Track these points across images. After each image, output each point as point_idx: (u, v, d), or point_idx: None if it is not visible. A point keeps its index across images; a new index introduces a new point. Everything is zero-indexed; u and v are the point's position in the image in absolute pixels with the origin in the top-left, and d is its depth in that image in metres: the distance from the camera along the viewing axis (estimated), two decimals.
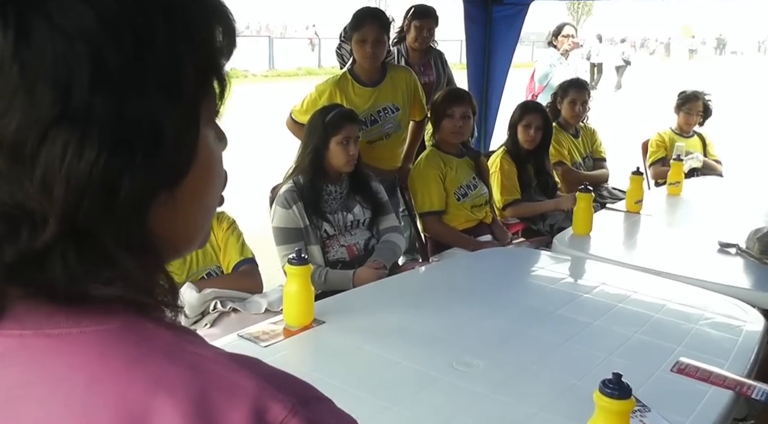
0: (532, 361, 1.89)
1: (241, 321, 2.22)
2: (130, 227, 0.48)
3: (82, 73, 0.45)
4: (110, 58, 0.45)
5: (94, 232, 0.47)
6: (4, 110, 0.44)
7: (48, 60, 0.44)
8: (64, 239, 0.46)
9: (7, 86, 0.44)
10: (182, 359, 0.50)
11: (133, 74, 0.47)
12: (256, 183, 3.32)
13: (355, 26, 3.45)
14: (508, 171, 3.78)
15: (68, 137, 0.45)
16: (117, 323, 0.50)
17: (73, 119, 0.45)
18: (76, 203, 0.46)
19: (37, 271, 0.47)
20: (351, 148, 2.83)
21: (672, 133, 4.90)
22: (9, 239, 0.46)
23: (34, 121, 0.44)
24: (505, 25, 5.20)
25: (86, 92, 0.45)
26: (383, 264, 2.79)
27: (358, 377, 1.80)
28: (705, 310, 2.27)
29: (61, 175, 0.45)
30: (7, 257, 0.46)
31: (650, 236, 3.39)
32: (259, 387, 0.49)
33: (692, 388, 1.73)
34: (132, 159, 0.47)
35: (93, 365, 0.48)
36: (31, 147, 0.44)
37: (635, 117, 10.80)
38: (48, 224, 0.46)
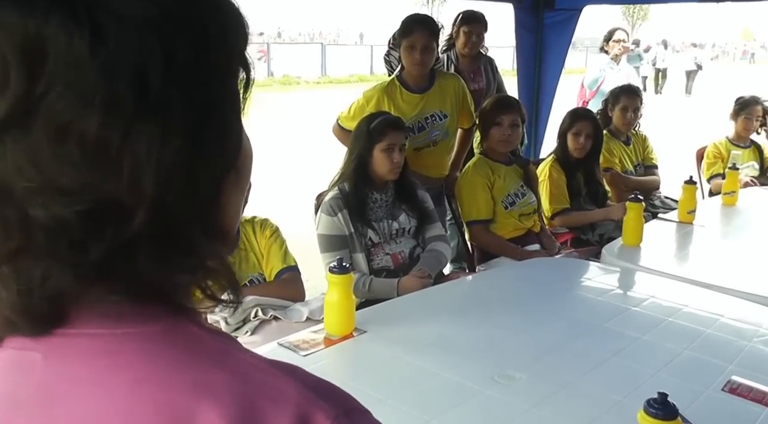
0: (576, 376, 1.84)
1: (281, 329, 2.22)
2: (209, 213, 0.51)
3: (157, 65, 0.46)
4: (178, 49, 0.48)
5: (177, 221, 0.49)
6: (85, 109, 0.45)
7: (124, 56, 0.45)
8: (149, 231, 0.48)
9: (87, 86, 0.45)
10: (227, 365, 0.51)
11: (199, 65, 0.49)
12: (303, 190, 3.34)
13: (404, 33, 3.43)
14: (557, 179, 3.72)
15: (152, 129, 0.46)
16: (161, 325, 0.51)
17: (153, 111, 0.46)
18: (164, 192, 0.47)
19: (126, 265, 0.48)
20: (395, 156, 2.81)
21: (728, 142, 4.76)
22: (94, 236, 0.47)
23: (117, 118, 0.45)
24: (556, 31, 5.13)
25: (162, 84, 0.46)
26: (428, 273, 2.77)
27: (398, 389, 1.78)
28: (760, 326, 2.19)
29: (149, 166, 0.46)
30: (93, 255, 0.47)
31: (703, 247, 3.30)
32: (303, 395, 0.50)
33: (744, 409, 1.67)
34: (209, 143, 0.50)
35: (138, 366, 0.49)
36: (118, 142, 0.46)
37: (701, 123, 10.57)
38: (136, 215, 0.47)
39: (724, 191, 3.99)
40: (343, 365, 2.02)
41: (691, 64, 22.56)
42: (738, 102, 4.74)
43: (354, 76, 23.89)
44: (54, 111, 0.45)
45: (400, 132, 2.87)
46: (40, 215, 0.46)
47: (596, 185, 3.85)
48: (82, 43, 0.45)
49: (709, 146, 4.82)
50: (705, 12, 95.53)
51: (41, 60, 0.45)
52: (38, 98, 0.45)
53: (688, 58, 23.05)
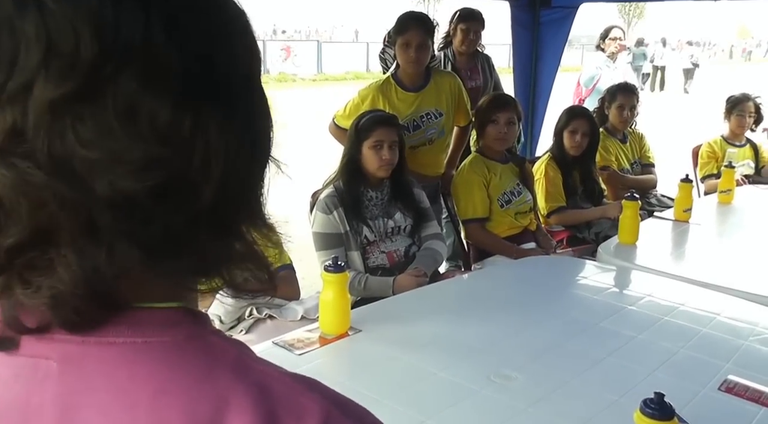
0: (573, 375, 1.83)
1: (276, 328, 2.21)
2: (258, 197, 0.54)
3: (223, 51, 0.49)
4: (234, 37, 0.52)
5: (234, 202, 0.51)
6: (158, 91, 0.46)
7: (195, 41, 0.48)
8: (213, 210, 0.49)
9: (160, 69, 0.46)
10: (250, 377, 0.50)
11: (249, 49, 0.53)
12: (298, 188, 3.32)
13: (399, 30, 3.42)
14: (553, 178, 3.72)
15: (221, 112, 0.49)
16: (181, 335, 0.51)
17: (222, 95, 0.49)
18: (229, 173, 0.49)
19: (189, 241, 0.49)
20: (384, 153, 2.79)
21: (723, 141, 4.75)
22: (162, 213, 0.47)
23: (189, 100, 0.47)
24: (552, 29, 5.13)
25: (227, 69, 0.50)
26: (424, 271, 2.76)
27: (394, 388, 1.78)
28: (756, 325, 2.18)
29: (219, 148, 0.48)
30: (157, 231, 0.47)
31: (699, 246, 3.30)
32: (326, 411, 0.49)
33: (741, 408, 1.66)
34: (261, 132, 0.54)
35: (159, 376, 0.48)
36: (190, 124, 0.47)
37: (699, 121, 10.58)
38: (203, 193, 0.48)
39: (720, 190, 3.98)
40: (339, 364, 2.01)
41: (688, 62, 22.87)
42: (729, 100, 4.74)
43: (350, 73, 23.87)
44: (126, 91, 0.45)
45: (388, 129, 2.85)
46: (106, 190, 0.45)
47: (592, 183, 3.84)
48: (158, 24, 0.46)
49: (704, 146, 4.81)
50: (701, 10, 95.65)
51: (114, 38, 0.44)
52: (109, 76, 0.44)
53: (685, 56, 23.37)
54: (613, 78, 5.20)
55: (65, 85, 0.44)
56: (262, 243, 0.54)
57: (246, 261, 0.53)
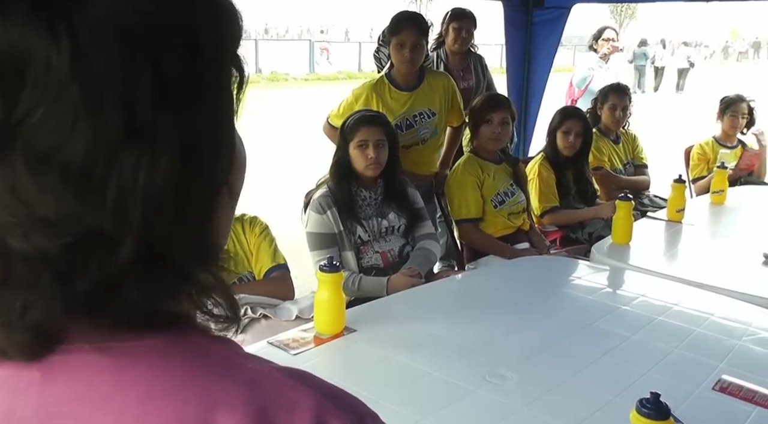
0: (568, 375, 1.84)
1: (271, 328, 2.20)
2: (202, 234, 0.48)
3: (144, 84, 0.43)
4: (168, 66, 0.44)
5: (168, 248, 0.46)
6: (67, 136, 0.41)
7: (108, 75, 0.42)
8: (138, 260, 0.45)
9: (67, 109, 0.41)
10: (239, 375, 0.49)
11: (189, 80, 0.46)
12: (291, 188, 3.32)
13: (394, 30, 3.42)
14: (547, 178, 3.72)
15: (139, 154, 0.43)
16: (167, 337, 0.49)
17: (141, 134, 0.43)
18: (152, 219, 0.44)
19: (112, 296, 0.45)
20: (369, 152, 2.79)
21: (715, 143, 4.77)
22: (80, 268, 0.44)
23: (102, 143, 0.42)
24: (545, 29, 5.14)
25: (150, 104, 0.43)
26: (418, 271, 2.76)
27: (389, 388, 1.77)
28: (749, 325, 2.19)
29: (135, 194, 0.43)
30: (79, 289, 0.44)
31: (692, 246, 3.31)
32: (318, 403, 0.49)
33: (735, 408, 1.67)
34: (200, 165, 0.46)
35: (146, 381, 0.47)
36: (101, 171, 0.42)
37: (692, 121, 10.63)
38: (123, 245, 0.44)
39: (713, 190, 4.00)
40: (334, 364, 2.01)
41: (683, 62, 23.19)
42: (723, 101, 4.75)
43: (342, 72, 23.86)
44: (33, 138, 0.41)
45: (373, 128, 2.84)
46: (18, 245, 0.43)
47: (585, 184, 3.85)
48: (62, 61, 0.41)
49: (695, 147, 4.82)
50: (693, 11, 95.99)
51: (18, 81, 0.41)
52: (16, 124, 0.41)
53: (680, 56, 23.76)
54: (605, 79, 5.21)
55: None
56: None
57: (200, 296, 0.49)
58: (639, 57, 21.96)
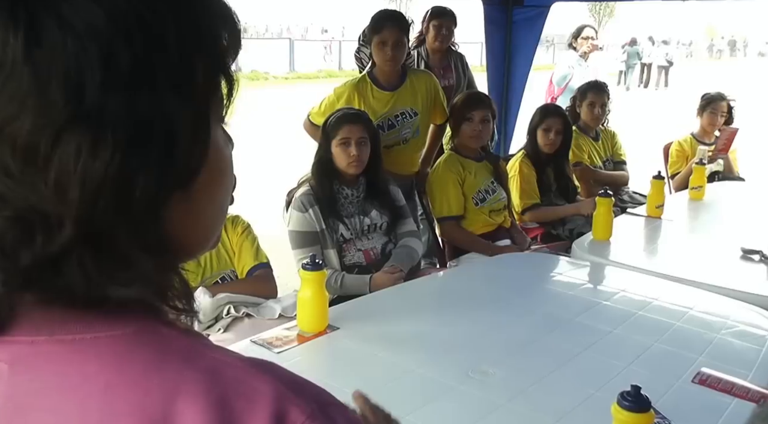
0: (550, 370, 1.85)
1: (254, 326, 2.20)
2: (146, 228, 0.48)
3: (94, 72, 0.44)
4: (121, 56, 0.45)
5: (110, 233, 0.47)
6: (15, 113, 0.43)
7: (60, 60, 0.43)
8: (81, 241, 0.46)
9: (18, 88, 0.43)
10: (200, 364, 0.50)
11: (144, 73, 0.46)
12: (273, 186, 3.31)
13: (375, 29, 3.42)
14: (528, 175, 3.74)
15: (82, 138, 0.44)
16: (131, 327, 0.50)
17: (86, 119, 0.44)
18: (91, 204, 0.45)
19: (54, 275, 0.46)
20: (351, 150, 2.79)
21: (693, 139, 4.82)
22: (24, 243, 0.45)
23: (47, 123, 0.43)
24: (525, 28, 5.16)
25: (99, 91, 0.44)
26: (400, 269, 2.77)
27: (372, 385, 1.76)
28: (728, 318, 2.22)
29: (75, 176, 0.44)
30: (22, 262, 0.45)
31: (671, 241, 3.34)
32: (278, 392, 0.49)
33: (714, 400, 1.69)
34: (146, 158, 0.46)
35: (109, 371, 0.48)
36: (45, 149, 0.44)
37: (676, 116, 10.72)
38: (64, 226, 0.45)
39: (691, 186, 4.04)
40: (317, 361, 2.01)
41: (662, 59, 23.77)
42: (704, 98, 4.80)
43: (322, 71, 23.82)
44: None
45: (355, 125, 2.84)
46: None
47: (566, 181, 3.88)
48: (17, 43, 0.43)
49: (673, 144, 4.86)
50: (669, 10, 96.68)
51: None
52: None
53: (660, 54, 24.20)
54: (585, 77, 5.24)
55: None
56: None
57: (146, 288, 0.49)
58: (632, 56, 22.41)
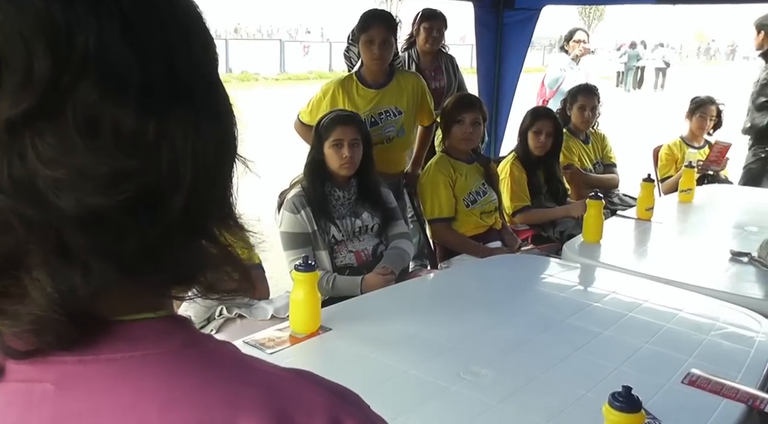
0: (541, 371, 1.86)
1: (246, 327, 2.21)
2: (228, 198, 0.53)
3: (182, 52, 0.48)
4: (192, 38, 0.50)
5: (207, 207, 0.50)
6: (119, 99, 0.44)
7: (153, 43, 0.46)
8: (183, 217, 0.47)
9: (120, 75, 0.44)
10: (255, 378, 0.50)
11: (205, 52, 0.51)
12: (264, 187, 3.30)
13: (363, 28, 3.44)
14: (518, 177, 3.76)
15: (186, 116, 0.47)
16: (177, 343, 0.50)
17: (185, 98, 0.47)
18: (199, 178, 0.47)
19: (161, 258, 0.48)
20: (344, 152, 2.80)
21: (682, 143, 4.84)
22: (131, 226, 0.45)
23: (152, 106, 0.45)
24: (516, 30, 5.18)
25: (188, 71, 0.48)
26: (391, 270, 2.77)
27: (364, 386, 1.76)
28: (717, 320, 2.24)
29: (186, 153, 0.47)
30: (130, 245, 0.45)
31: (661, 244, 3.36)
32: (332, 402, 0.51)
33: (704, 400, 1.70)
34: (226, 128, 0.52)
35: (166, 388, 0.47)
36: (154, 131, 0.45)
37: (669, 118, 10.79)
38: (173, 202, 0.47)
39: (681, 189, 4.06)
40: (309, 362, 2.01)
41: (660, 62, 24.50)
42: (693, 101, 4.84)
43: (313, 72, 23.81)
44: (85, 102, 0.43)
45: (348, 127, 2.85)
46: (74, 208, 0.43)
47: (556, 183, 3.90)
48: (113, 28, 0.43)
49: (663, 148, 4.89)
50: (659, 13, 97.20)
51: (68, 47, 0.42)
52: (67, 89, 0.42)
53: (656, 57, 24.94)
54: (576, 80, 5.26)
55: (21, 103, 0.42)
56: (235, 243, 0.53)
57: (222, 264, 0.51)
58: (632, 58, 22.83)
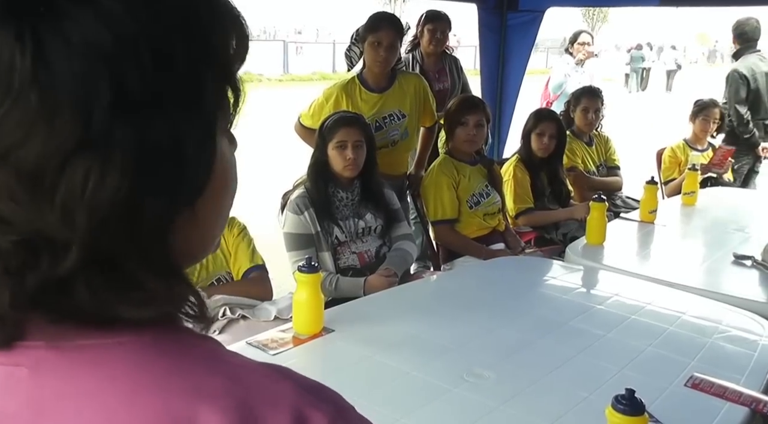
0: (544, 373, 1.86)
1: (250, 328, 2.21)
2: (155, 250, 0.48)
3: (102, 96, 0.43)
4: (130, 78, 0.44)
5: (117, 257, 0.46)
6: (22, 139, 0.42)
7: (67, 84, 0.42)
8: (89, 264, 0.45)
9: (25, 113, 0.42)
10: (221, 369, 0.50)
11: (153, 95, 0.45)
12: (268, 188, 3.32)
13: (371, 28, 3.43)
14: (521, 179, 3.76)
15: (89, 164, 0.43)
16: (151, 333, 0.50)
17: (94, 145, 0.43)
18: (98, 230, 0.44)
19: (62, 297, 0.46)
20: (348, 153, 2.80)
21: (686, 145, 4.84)
22: (30, 266, 0.45)
23: (54, 150, 0.42)
24: (519, 32, 5.17)
25: (107, 116, 0.43)
26: (394, 272, 2.77)
27: (367, 388, 1.79)
28: (720, 323, 2.24)
29: (82, 202, 0.43)
30: (29, 285, 0.45)
31: (664, 246, 3.36)
32: (300, 396, 0.50)
33: (707, 404, 1.70)
34: (155, 182, 0.46)
35: (134, 375, 0.48)
36: (51, 175, 0.43)
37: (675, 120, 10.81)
38: (70, 251, 0.44)
39: (684, 192, 4.06)
40: (312, 364, 2.01)
41: (671, 64, 24.78)
42: (696, 104, 4.83)
43: (316, 73, 23.82)
44: None
45: (352, 129, 2.85)
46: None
47: (560, 185, 3.89)
48: (24, 66, 0.42)
49: (666, 151, 4.89)
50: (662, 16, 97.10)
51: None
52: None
53: (667, 58, 25.25)
54: (581, 82, 5.26)
55: None
56: None
57: (158, 307, 0.49)
58: (636, 60, 22.97)
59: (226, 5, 0.52)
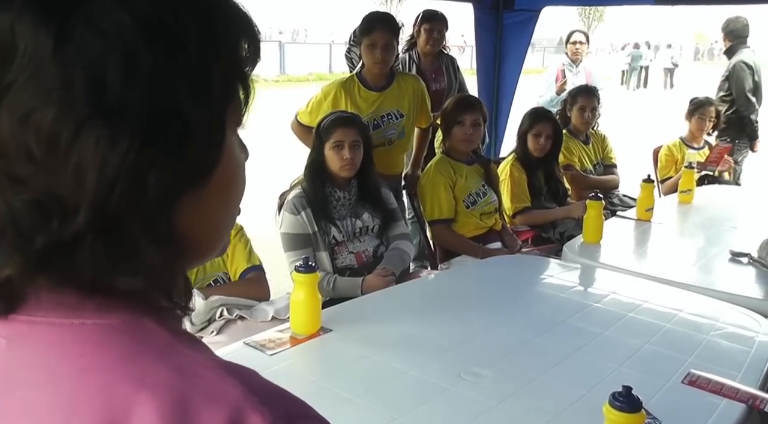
0: (541, 371, 1.87)
1: (247, 329, 2.21)
2: (157, 221, 0.51)
3: (117, 71, 0.47)
4: (143, 57, 0.48)
5: (122, 223, 0.49)
6: (42, 104, 0.46)
7: (83, 57, 0.47)
8: (93, 229, 0.48)
9: (45, 83, 0.46)
10: (172, 360, 0.51)
11: (164, 74, 0.49)
12: (264, 189, 3.31)
13: (366, 30, 3.44)
14: (518, 178, 3.76)
15: (102, 131, 0.47)
16: (120, 318, 0.52)
17: (106, 114, 0.47)
18: (106, 193, 0.48)
19: (66, 260, 0.49)
20: (345, 153, 2.80)
21: (682, 144, 4.85)
22: (40, 227, 0.48)
23: (70, 116, 0.46)
24: (515, 32, 5.18)
25: (119, 89, 0.47)
26: (391, 271, 2.77)
27: (365, 387, 1.79)
28: (716, 320, 2.24)
29: (94, 165, 0.47)
30: (37, 244, 0.48)
31: (661, 244, 3.36)
32: (243, 396, 0.49)
33: (704, 400, 1.71)
34: (160, 153, 0.49)
35: (88, 356, 0.50)
36: (67, 139, 0.47)
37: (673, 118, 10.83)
38: (79, 212, 0.48)
39: (681, 190, 4.07)
40: (310, 364, 2.01)
41: (669, 62, 25.12)
42: (692, 102, 4.85)
43: (313, 74, 23.80)
44: (18, 99, 0.47)
45: (348, 129, 2.85)
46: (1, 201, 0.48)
47: (556, 184, 3.90)
48: (48, 41, 0.46)
49: (662, 149, 4.90)
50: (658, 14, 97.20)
51: (12, 52, 0.47)
52: (6, 86, 0.47)
53: (665, 57, 25.68)
54: (576, 82, 5.27)
55: None
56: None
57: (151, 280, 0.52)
58: (635, 59, 23.20)
59: (239, 10, 0.56)
